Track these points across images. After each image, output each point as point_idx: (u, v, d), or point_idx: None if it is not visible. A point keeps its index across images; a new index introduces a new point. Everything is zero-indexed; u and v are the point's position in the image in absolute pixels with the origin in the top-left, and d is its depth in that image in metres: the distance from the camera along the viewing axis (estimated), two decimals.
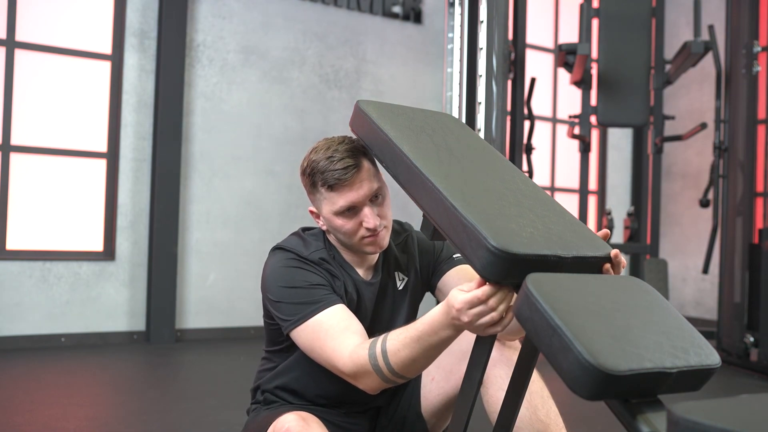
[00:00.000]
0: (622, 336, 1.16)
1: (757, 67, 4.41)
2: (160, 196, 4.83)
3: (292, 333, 1.60)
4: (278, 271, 1.64)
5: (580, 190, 5.11)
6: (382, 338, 1.46)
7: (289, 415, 1.55)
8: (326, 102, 5.56)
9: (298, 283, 1.61)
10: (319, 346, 1.54)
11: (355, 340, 1.51)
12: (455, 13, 4.22)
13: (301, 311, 1.58)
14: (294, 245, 1.69)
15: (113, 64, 4.84)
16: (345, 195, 1.61)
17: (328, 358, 1.52)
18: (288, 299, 1.60)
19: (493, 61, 4.07)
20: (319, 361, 1.57)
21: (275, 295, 1.62)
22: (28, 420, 2.83)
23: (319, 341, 1.54)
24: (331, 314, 1.56)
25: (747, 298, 4.50)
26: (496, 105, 4.08)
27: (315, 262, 1.66)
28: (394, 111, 1.64)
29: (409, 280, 1.80)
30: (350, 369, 1.48)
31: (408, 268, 1.80)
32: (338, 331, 1.53)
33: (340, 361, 1.49)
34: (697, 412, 0.83)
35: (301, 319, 1.58)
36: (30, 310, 4.49)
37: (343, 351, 1.49)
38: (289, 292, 1.60)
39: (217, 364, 4.27)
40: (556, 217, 1.44)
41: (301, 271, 1.63)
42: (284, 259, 1.66)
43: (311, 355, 1.58)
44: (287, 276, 1.62)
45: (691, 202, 6.60)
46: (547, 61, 6.70)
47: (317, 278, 1.62)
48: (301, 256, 1.66)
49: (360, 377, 1.48)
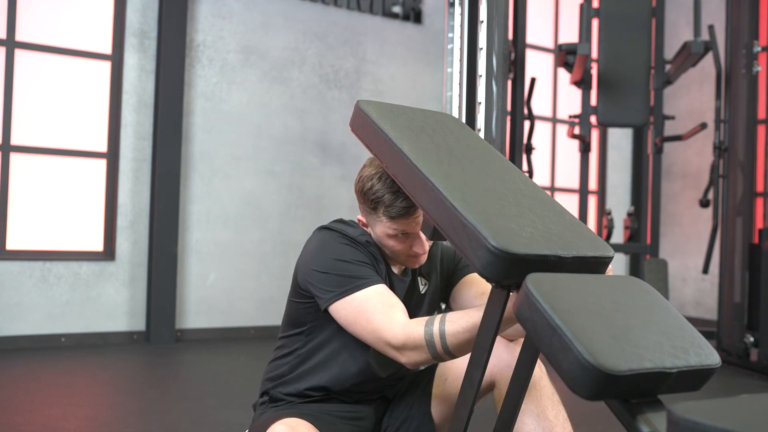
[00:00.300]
0: (622, 336, 1.16)
1: (757, 67, 4.41)
2: (160, 196, 4.83)
3: (335, 305, 1.65)
4: (329, 244, 1.71)
5: (580, 190, 5.12)
6: (439, 318, 1.51)
7: (278, 425, 1.57)
8: (326, 102, 5.56)
9: (347, 257, 1.67)
10: (366, 318, 1.59)
11: (402, 316, 1.57)
12: (455, 13, 4.22)
13: (349, 284, 1.63)
14: (342, 228, 1.77)
15: (113, 64, 4.84)
16: (403, 224, 1.69)
17: (375, 329, 1.57)
18: (336, 271, 1.66)
19: (493, 61, 4.07)
20: (361, 333, 1.61)
21: (323, 266, 1.67)
22: (28, 420, 2.83)
23: (366, 313, 1.60)
24: (380, 290, 1.63)
25: (747, 298, 4.50)
26: (496, 105, 4.08)
27: (362, 244, 1.73)
28: (394, 111, 1.64)
29: (430, 285, 1.87)
30: (400, 341, 1.53)
31: (430, 274, 1.87)
32: (388, 306, 1.59)
33: (389, 332, 1.55)
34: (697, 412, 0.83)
35: (347, 291, 1.63)
36: (30, 310, 4.49)
37: (394, 324, 1.55)
38: (338, 265, 1.66)
39: (217, 364, 4.27)
40: (556, 217, 1.44)
41: (351, 248, 1.70)
42: (335, 236, 1.73)
43: (352, 328, 1.63)
44: (338, 250, 1.69)
45: (691, 202, 6.60)
46: (547, 61, 6.71)
47: (365, 258, 1.70)
48: (350, 236, 1.74)
49: (408, 350, 1.53)
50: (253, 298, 5.23)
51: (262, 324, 5.19)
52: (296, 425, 1.57)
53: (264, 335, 5.12)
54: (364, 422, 1.81)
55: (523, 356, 1.40)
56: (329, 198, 5.55)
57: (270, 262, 5.31)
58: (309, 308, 1.74)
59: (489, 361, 1.40)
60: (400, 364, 1.58)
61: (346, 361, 1.75)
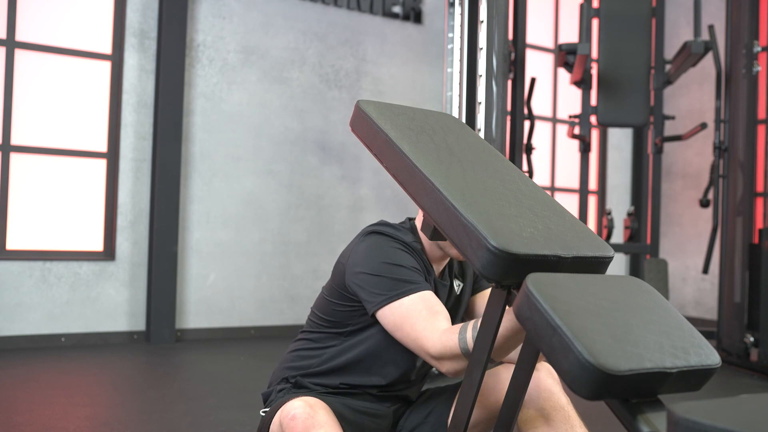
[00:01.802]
0: (622, 336, 1.16)
1: (757, 67, 4.41)
2: (160, 196, 4.83)
3: (384, 309, 1.64)
4: (384, 248, 1.70)
5: (580, 190, 5.11)
6: (471, 325, 1.50)
7: (296, 401, 1.56)
8: (326, 102, 5.56)
9: (401, 261, 1.67)
10: (410, 324, 1.59)
11: (445, 325, 1.56)
12: (455, 13, 4.22)
13: (400, 287, 1.63)
14: (393, 232, 1.76)
15: (113, 64, 4.84)
16: None
17: (417, 337, 1.57)
18: (390, 274, 1.65)
19: (493, 61, 4.07)
20: (405, 339, 1.61)
21: (375, 269, 1.66)
22: (28, 420, 2.83)
23: (411, 319, 1.59)
24: (427, 297, 1.63)
25: (747, 298, 4.50)
26: (496, 105, 4.08)
27: (414, 250, 1.74)
28: (394, 111, 1.64)
29: (465, 287, 1.88)
30: (438, 350, 1.52)
31: (465, 276, 1.89)
32: (432, 313, 1.59)
33: (429, 341, 1.54)
34: (697, 412, 0.83)
35: (399, 295, 1.62)
36: (30, 310, 4.49)
37: (434, 332, 1.54)
38: (392, 269, 1.66)
39: (217, 364, 4.27)
40: (556, 217, 1.44)
41: (404, 254, 1.70)
42: (388, 240, 1.72)
43: (397, 333, 1.63)
44: (393, 254, 1.69)
45: (691, 202, 6.60)
46: (547, 61, 6.70)
47: (416, 263, 1.70)
48: (404, 241, 1.73)
49: (446, 360, 1.52)
50: (253, 298, 5.23)
51: (262, 324, 5.19)
52: (313, 403, 1.56)
53: (264, 335, 5.12)
54: (384, 420, 1.81)
55: (523, 356, 1.40)
56: (329, 198, 5.55)
57: (270, 262, 5.31)
58: (353, 311, 1.74)
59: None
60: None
61: (386, 364, 1.74)
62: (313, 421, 1.51)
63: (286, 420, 1.53)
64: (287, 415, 1.53)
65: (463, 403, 1.42)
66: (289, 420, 1.52)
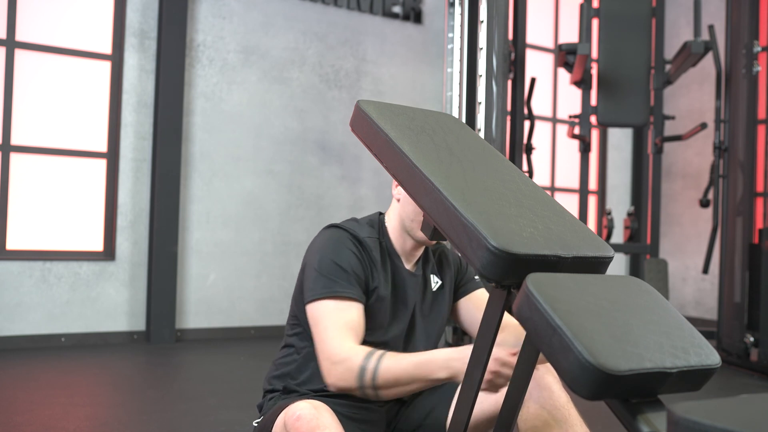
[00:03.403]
0: (622, 336, 1.16)
1: (757, 67, 4.41)
2: (160, 196, 4.83)
3: (312, 303, 1.67)
4: (333, 245, 1.73)
5: (580, 190, 5.11)
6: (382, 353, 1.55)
7: (301, 402, 1.57)
8: (326, 102, 5.56)
9: (344, 263, 1.70)
10: (325, 326, 1.63)
11: (355, 341, 1.60)
12: (455, 13, 4.22)
13: (332, 288, 1.67)
14: (351, 226, 1.79)
15: (113, 64, 4.84)
16: None
17: (323, 340, 1.61)
18: (328, 273, 1.68)
19: (493, 61, 4.07)
20: (315, 338, 1.65)
21: (318, 265, 1.70)
22: (28, 420, 2.83)
23: (327, 321, 1.63)
24: (353, 308, 1.66)
25: (747, 298, 4.50)
26: (496, 105, 4.08)
27: (366, 246, 1.76)
28: (394, 111, 1.64)
29: (444, 284, 1.89)
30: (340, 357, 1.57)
31: (443, 274, 1.89)
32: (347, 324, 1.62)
33: (333, 348, 1.58)
34: (697, 412, 0.83)
35: (327, 295, 1.66)
36: (30, 310, 4.49)
37: (343, 342, 1.59)
38: (332, 268, 1.69)
39: (217, 364, 4.27)
40: (556, 217, 1.44)
41: (352, 255, 1.72)
42: (342, 234, 1.76)
43: (312, 330, 1.67)
44: (339, 253, 1.71)
45: (691, 202, 6.60)
46: (547, 61, 6.70)
47: (359, 268, 1.72)
48: (357, 236, 1.76)
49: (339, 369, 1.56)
50: (253, 298, 5.23)
51: (262, 324, 5.19)
52: (318, 405, 1.57)
53: (264, 335, 5.12)
54: (373, 427, 1.78)
55: (523, 356, 1.40)
56: (329, 198, 5.55)
57: (270, 262, 5.31)
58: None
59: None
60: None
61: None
62: (318, 422, 1.51)
63: (291, 420, 1.54)
64: (292, 416, 1.54)
65: (463, 403, 1.42)
66: (294, 420, 1.53)
